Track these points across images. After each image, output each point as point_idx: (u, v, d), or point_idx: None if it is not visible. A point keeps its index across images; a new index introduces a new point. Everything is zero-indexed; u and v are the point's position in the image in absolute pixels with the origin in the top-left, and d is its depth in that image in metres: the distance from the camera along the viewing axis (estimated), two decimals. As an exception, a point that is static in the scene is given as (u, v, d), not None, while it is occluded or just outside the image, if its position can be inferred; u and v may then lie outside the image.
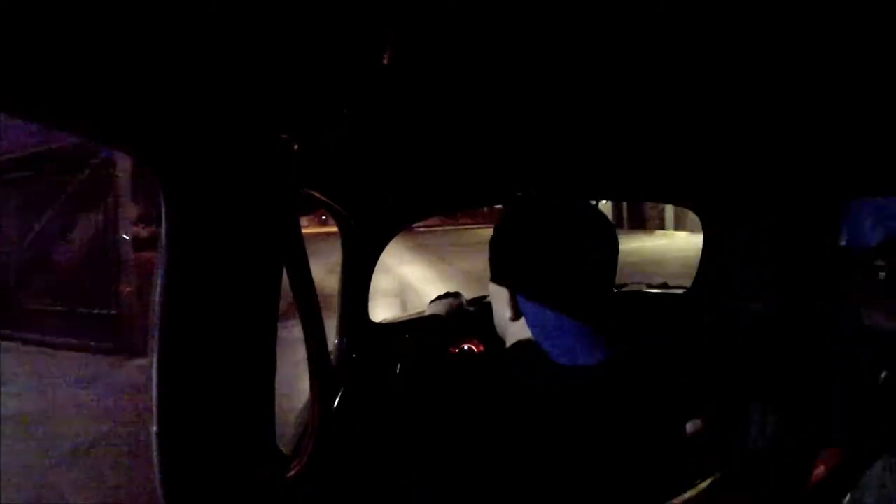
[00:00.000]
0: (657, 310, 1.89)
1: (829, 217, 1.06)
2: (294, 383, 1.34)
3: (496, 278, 0.69)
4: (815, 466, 0.76)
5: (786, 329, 1.09)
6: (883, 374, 0.98)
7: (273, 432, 0.69)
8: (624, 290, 2.02)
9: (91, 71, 0.42)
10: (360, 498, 0.74)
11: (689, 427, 0.68)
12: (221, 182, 0.57)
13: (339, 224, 1.41)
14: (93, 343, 5.21)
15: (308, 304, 0.94)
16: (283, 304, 0.67)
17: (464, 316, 1.12)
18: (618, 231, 0.66)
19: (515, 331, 0.68)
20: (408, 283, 8.30)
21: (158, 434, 0.55)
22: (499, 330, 0.72)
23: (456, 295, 1.16)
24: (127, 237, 5.55)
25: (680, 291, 1.98)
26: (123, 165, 5.40)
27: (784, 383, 1.01)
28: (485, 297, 1.56)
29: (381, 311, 2.07)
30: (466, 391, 0.64)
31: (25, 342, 5.36)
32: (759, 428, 0.97)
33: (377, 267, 1.55)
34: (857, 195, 1.55)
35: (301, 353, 0.73)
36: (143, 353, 4.60)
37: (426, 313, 1.11)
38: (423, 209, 1.50)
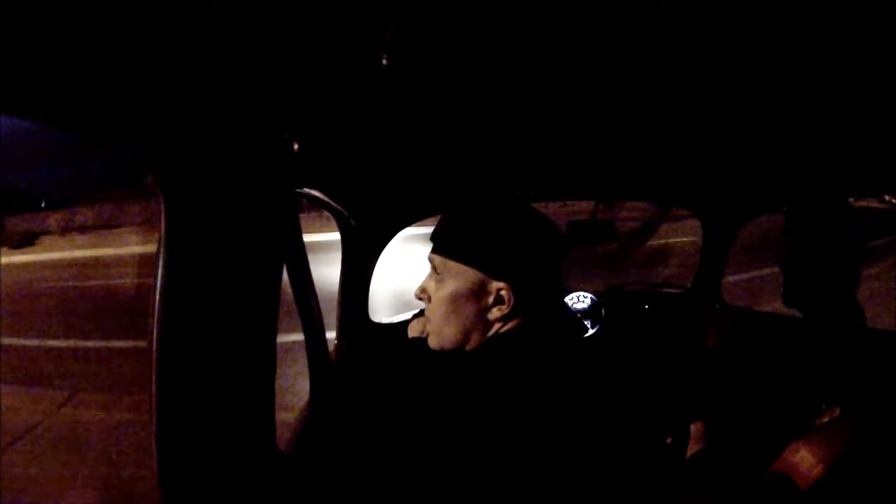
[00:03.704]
0: (657, 309, 1.89)
1: (832, 218, 1.06)
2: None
3: (493, 275, 0.70)
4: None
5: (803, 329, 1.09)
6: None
7: (273, 432, 0.69)
8: (626, 289, 2.02)
9: (91, 71, 0.42)
10: (360, 497, 0.74)
11: None
12: (221, 181, 0.57)
13: (339, 224, 1.41)
14: None
15: (308, 304, 0.94)
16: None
17: None
18: None
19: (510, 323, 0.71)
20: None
21: (158, 434, 0.55)
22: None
23: None
24: None
25: (679, 291, 1.98)
26: None
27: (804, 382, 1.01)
28: None
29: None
30: (467, 388, 0.64)
31: None
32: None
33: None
34: (857, 195, 1.55)
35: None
36: None
37: None
38: (423, 209, 1.50)
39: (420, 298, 0.76)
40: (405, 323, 1.42)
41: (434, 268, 0.73)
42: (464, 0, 0.44)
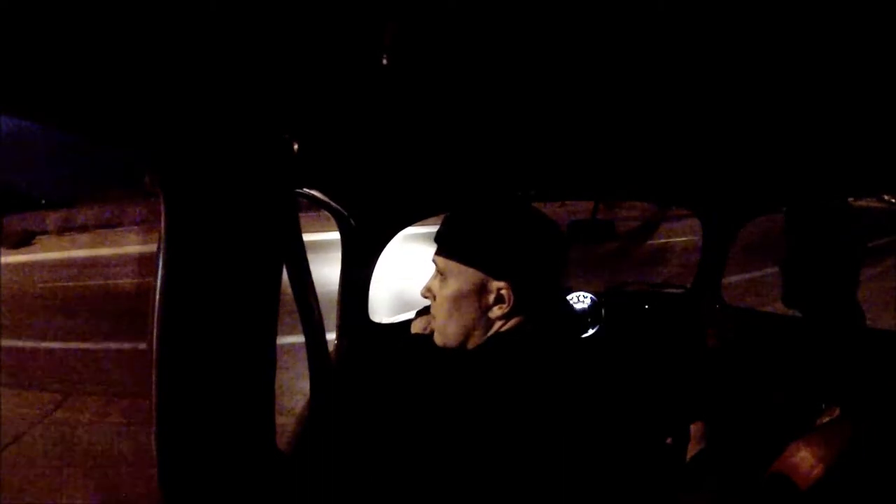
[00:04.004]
0: (657, 309, 1.89)
1: (832, 218, 1.06)
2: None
3: (493, 274, 0.70)
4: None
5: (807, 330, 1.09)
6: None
7: (273, 432, 0.69)
8: (626, 289, 2.03)
9: (91, 71, 0.42)
10: (360, 497, 0.74)
11: None
12: (221, 181, 0.57)
13: (339, 224, 1.41)
14: None
15: (308, 304, 0.94)
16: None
17: None
18: None
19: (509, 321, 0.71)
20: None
21: (158, 434, 0.55)
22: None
23: None
24: None
25: (679, 291, 1.98)
26: None
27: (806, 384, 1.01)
28: None
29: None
30: (466, 387, 0.64)
31: None
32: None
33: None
34: (857, 195, 1.55)
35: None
36: None
37: None
38: (422, 209, 1.51)
39: (426, 297, 0.78)
40: (405, 323, 1.42)
41: (438, 268, 0.74)
42: (464, 0, 0.44)
